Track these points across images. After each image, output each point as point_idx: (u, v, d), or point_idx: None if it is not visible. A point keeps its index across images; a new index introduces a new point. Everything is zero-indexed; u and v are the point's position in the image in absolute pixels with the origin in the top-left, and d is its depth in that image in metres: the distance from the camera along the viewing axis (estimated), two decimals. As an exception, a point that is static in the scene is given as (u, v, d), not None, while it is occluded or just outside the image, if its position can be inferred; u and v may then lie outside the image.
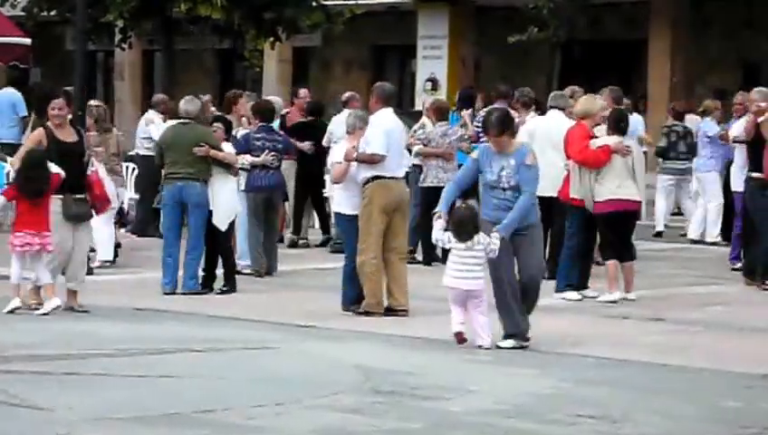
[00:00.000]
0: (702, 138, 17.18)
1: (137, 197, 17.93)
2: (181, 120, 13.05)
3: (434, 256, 14.56)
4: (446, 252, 11.22)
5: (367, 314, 11.27)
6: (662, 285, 13.38)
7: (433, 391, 8.21)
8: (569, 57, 25.85)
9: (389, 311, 11.40)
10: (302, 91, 17.81)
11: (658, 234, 17.76)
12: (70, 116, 11.74)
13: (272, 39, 23.64)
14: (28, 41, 19.96)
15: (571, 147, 12.37)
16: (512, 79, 22.87)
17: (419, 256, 14.81)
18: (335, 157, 11.93)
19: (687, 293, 12.99)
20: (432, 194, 13.83)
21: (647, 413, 7.70)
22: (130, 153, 17.70)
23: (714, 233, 17.22)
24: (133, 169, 17.94)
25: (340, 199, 11.79)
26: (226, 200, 12.64)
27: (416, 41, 27.33)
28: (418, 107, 24.40)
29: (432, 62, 27.02)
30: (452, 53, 26.94)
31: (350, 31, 24.91)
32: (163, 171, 12.86)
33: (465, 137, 15.05)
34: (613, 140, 12.21)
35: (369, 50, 29.19)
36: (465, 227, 9.69)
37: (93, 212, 11.54)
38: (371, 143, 11.49)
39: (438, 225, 9.74)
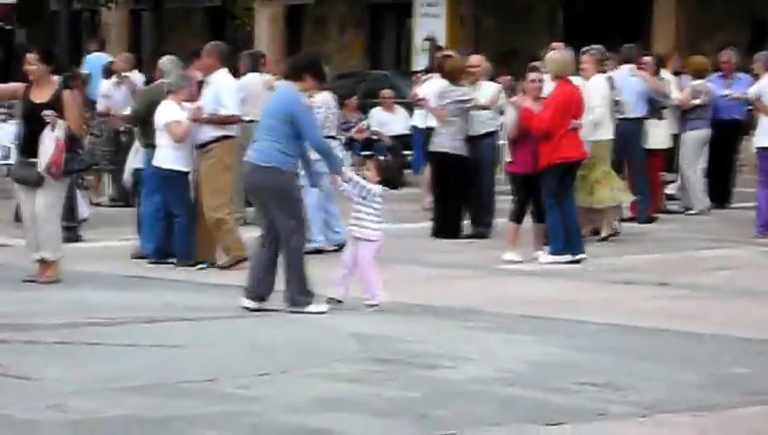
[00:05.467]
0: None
1: None
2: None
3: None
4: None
5: (237, 262, 11.53)
6: (667, 250, 13.22)
7: (432, 360, 8.06)
8: (571, 15, 25.56)
9: (214, 265, 11.83)
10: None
11: None
12: (55, 77, 11.38)
13: (263, -4, 23.38)
14: (12, 0, 19.78)
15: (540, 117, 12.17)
16: (513, 38, 22.62)
17: None
18: (171, 116, 11.90)
19: (694, 257, 12.80)
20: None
21: (651, 380, 7.55)
22: None
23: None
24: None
25: (173, 157, 11.87)
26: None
27: (413, -2, 27.04)
28: (416, 67, 24.14)
29: (430, 21, 26.70)
30: (451, 11, 26.60)
31: (345, -12, 24.65)
32: None
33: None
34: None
35: (364, 8, 28.88)
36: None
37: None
38: (227, 105, 11.80)
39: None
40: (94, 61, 19.68)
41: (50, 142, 10.84)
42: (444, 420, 6.63)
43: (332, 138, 12.81)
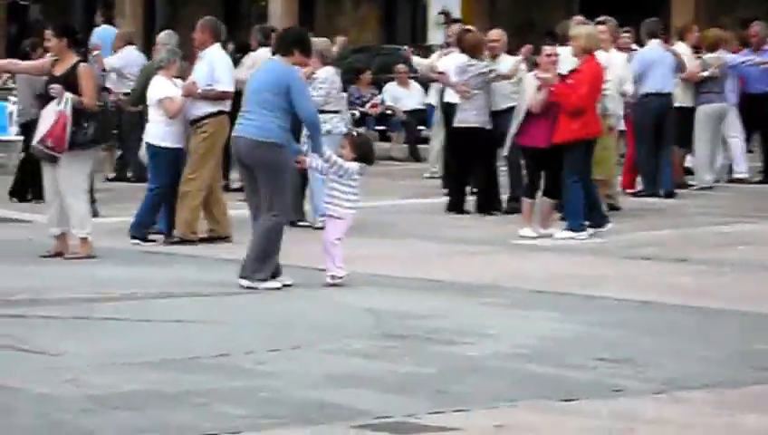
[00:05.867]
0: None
1: None
2: None
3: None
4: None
5: (182, 241, 11.60)
6: (685, 225, 13.12)
7: (448, 336, 8.02)
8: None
9: (218, 238, 11.85)
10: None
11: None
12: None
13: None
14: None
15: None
16: (529, 12, 22.42)
17: None
18: (163, 92, 11.83)
19: (712, 232, 12.70)
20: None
21: (670, 357, 7.49)
22: None
23: (742, 169, 16.83)
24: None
25: (162, 133, 11.82)
26: None
27: (428, -29, 26.86)
28: (431, 42, 24.04)
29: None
30: (466, -17, 26.41)
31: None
32: None
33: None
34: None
35: (379, -18, 28.74)
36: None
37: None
38: (221, 81, 11.74)
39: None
40: (102, 34, 19.59)
41: (49, 116, 10.80)
42: (460, 395, 6.59)
43: (336, 112, 12.77)
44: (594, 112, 12.18)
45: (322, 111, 12.52)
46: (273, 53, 10.09)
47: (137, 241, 11.81)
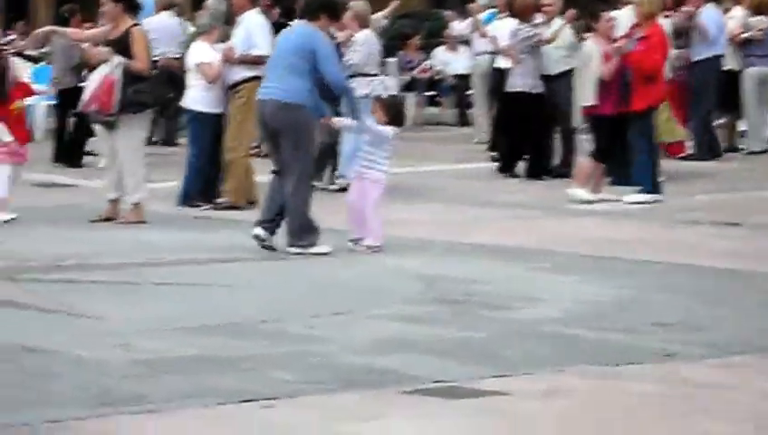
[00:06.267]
0: None
1: None
2: None
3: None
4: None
5: (232, 208, 11.62)
6: (736, 189, 13.01)
7: (498, 300, 7.98)
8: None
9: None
10: None
11: None
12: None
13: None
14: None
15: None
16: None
17: None
18: (201, 57, 11.84)
19: (763, 197, 12.57)
20: None
21: (721, 321, 7.42)
22: None
23: None
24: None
25: (200, 98, 11.85)
26: None
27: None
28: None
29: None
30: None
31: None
32: None
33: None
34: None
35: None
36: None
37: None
38: (258, 45, 11.66)
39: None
40: None
41: (95, 79, 10.81)
42: (509, 360, 6.56)
43: (375, 75, 12.76)
44: (663, 78, 12.15)
45: (362, 75, 12.53)
46: (300, 18, 9.98)
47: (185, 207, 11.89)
